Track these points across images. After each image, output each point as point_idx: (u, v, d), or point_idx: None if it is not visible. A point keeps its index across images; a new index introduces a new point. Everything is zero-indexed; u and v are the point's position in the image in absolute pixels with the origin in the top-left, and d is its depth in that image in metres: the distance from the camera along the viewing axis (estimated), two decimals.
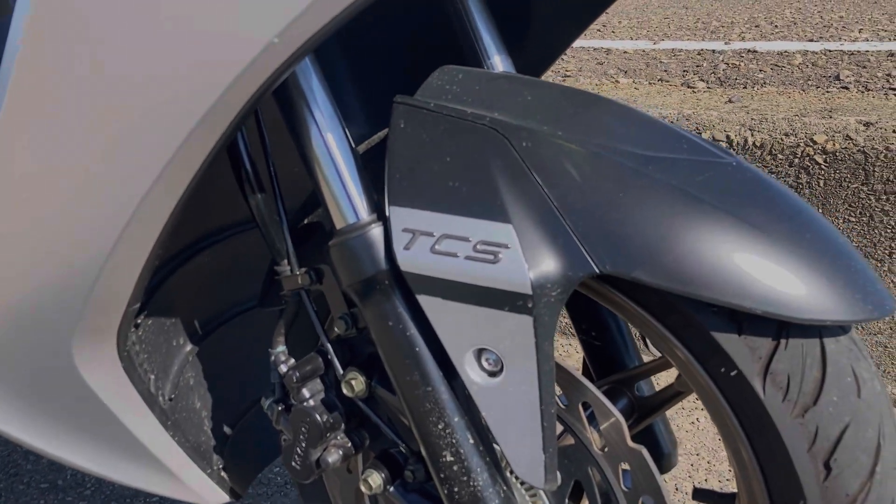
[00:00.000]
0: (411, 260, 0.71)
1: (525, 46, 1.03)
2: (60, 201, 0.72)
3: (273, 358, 0.89)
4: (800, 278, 0.64)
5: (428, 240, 0.70)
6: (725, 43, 3.13)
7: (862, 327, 1.76)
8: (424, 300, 0.72)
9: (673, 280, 0.64)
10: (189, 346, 1.11)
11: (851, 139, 1.68)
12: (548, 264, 0.67)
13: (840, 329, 0.68)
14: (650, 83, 2.42)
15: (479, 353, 0.71)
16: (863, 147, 1.66)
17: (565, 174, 0.68)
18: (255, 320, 1.21)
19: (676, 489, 1.63)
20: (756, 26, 3.68)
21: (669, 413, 2.00)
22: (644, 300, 0.71)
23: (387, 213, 0.73)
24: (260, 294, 0.99)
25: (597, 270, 0.65)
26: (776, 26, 3.62)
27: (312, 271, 0.86)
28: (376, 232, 0.74)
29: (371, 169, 0.79)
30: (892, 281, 1.72)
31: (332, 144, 0.76)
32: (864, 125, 1.68)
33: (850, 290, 0.65)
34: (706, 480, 1.64)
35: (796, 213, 0.67)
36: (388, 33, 1.09)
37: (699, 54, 2.89)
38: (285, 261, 0.86)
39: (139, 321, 0.99)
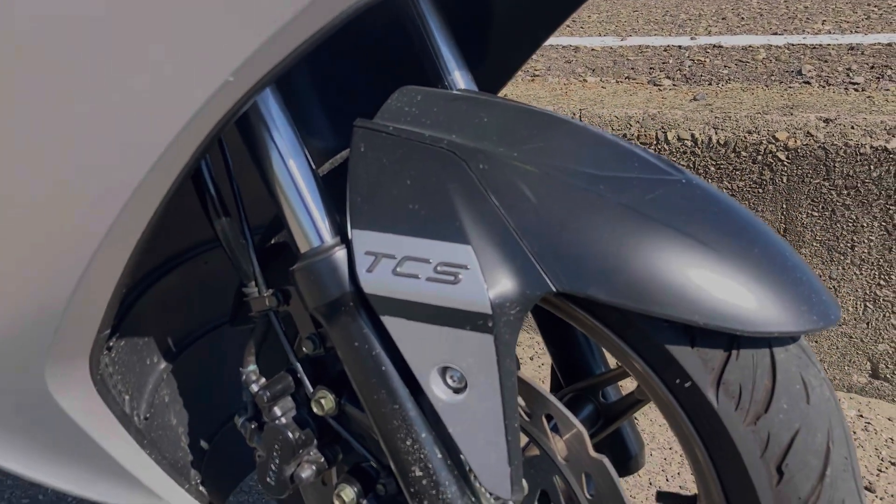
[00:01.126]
0: (374, 282, 0.73)
1: (484, 62, 1.04)
2: (27, 231, 0.73)
3: (244, 377, 0.90)
4: (748, 292, 0.66)
5: (390, 262, 0.72)
6: (692, 38, 3.16)
7: None
8: (388, 321, 0.73)
9: (626, 297, 0.66)
10: (163, 364, 1.12)
11: (812, 136, 1.71)
12: (506, 284, 0.68)
13: (789, 338, 0.71)
14: (617, 81, 2.44)
15: (444, 370, 0.73)
16: (823, 143, 1.70)
17: (521, 195, 0.70)
18: (229, 334, 1.22)
19: (650, 483, 1.66)
20: (723, 18, 3.72)
21: (645, 406, 2.04)
22: (602, 315, 0.73)
23: (349, 237, 0.74)
24: (231, 312, 1.00)
25: (553, 289, 0.67)
26: (743, 18, 3.66)
27: (280, 293, 0.87)
28: (340, 255, 0.75)
29: (335, 187, 0.80)
30: (854, 273, 1.75)
31: (294, 171, 0.77)
32: (823, 121, 1.72)
33: (797, 301, 0.67)
34: (679, 474, 1.67)
35: (744, 228, 0.70)
36: (355, 48, 1.11)
37: (665, 50, 2.92)
38: (253, 282, 0.88)
39: (111, 343, 1.00)
